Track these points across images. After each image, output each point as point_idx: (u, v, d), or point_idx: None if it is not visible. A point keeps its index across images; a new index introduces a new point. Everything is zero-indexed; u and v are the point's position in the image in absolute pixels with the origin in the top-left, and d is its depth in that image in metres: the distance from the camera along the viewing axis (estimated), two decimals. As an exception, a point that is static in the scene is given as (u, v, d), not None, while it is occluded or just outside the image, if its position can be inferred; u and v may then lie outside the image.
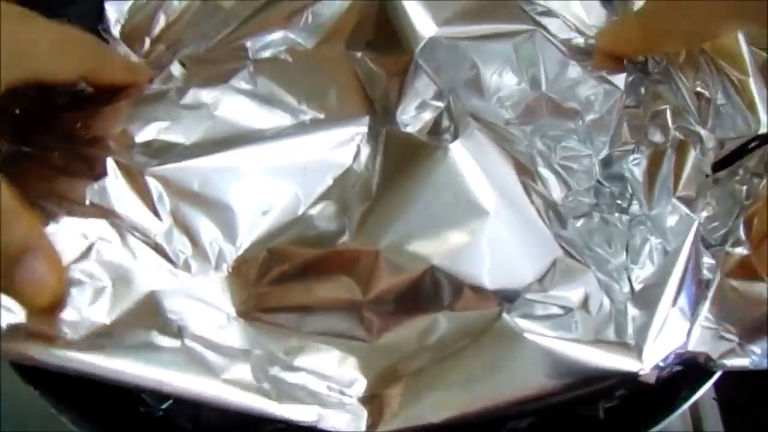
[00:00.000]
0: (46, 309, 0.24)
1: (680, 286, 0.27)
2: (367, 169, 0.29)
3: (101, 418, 0.27)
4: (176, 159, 0.28)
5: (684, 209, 0.29)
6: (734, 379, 0.28)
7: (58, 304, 0.24)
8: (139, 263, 0.27)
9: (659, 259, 0.29)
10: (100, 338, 0.24)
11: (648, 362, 0.25)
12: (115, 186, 0.28)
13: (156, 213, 0.27)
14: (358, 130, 0.30)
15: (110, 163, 0.28)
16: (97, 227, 0.27)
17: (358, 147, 0.30)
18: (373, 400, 0.26)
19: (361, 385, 0.26)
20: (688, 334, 0.26)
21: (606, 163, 0.31)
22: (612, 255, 0.30)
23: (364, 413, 0.25)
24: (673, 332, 0.26)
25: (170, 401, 0.30)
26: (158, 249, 0.27)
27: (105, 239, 0.27)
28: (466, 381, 0.25)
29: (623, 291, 0.28)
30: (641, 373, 0.25)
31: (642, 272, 0.29)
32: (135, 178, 0.28)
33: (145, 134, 0.29)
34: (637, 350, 0.26)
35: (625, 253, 0.30)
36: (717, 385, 0.28)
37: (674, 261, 0.27)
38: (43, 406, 0.27)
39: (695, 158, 0.30)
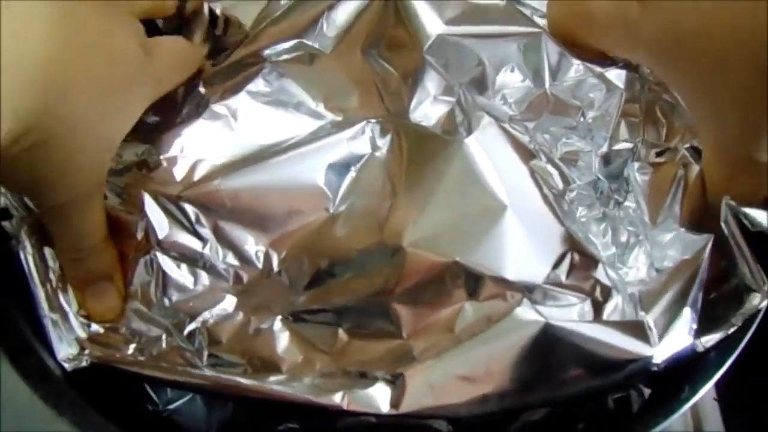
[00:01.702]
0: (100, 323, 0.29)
1: (690, 286, 0.27)
2: (387, 159, 0.30)
3: (101, 419, 0.27)
4: (204, 180, 0.29)
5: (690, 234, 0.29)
6: (735, 379, 0.28)
7: (112, 321, 0.29)
8: (198, 288, 0.29)
9: (652, 265, 0.29)
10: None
11: (661, 352, 0.26)
12: (154, 217, 0.29)
13: (198, 235, 0.29)
14: (372, 120, 0.30)
15: (146, 197, 0.29)
16: (150, 261, 0.29)
17: (373, 134, 0.30)
18: (396, 381, 0.26)
19: (387, 368, 0.27)
20: (697, 331, 0.27)
21: (606, 160, 0.32)
22: (605, 247, 0.30)
23: (388, 393, 0.26)
24: (683, 328, 0.27)
25: (178, 402, 0.30)
26: (207, 269, 0.29)
27: (160, 272, 0.29)
28: (489, 364, 0.26)
29: (625, 284, 0.29)
30: (654, 360, 0.26)
31: (632, 273, 0.30)
32: (170, 206, 0.29)
33: (170, 154, 0.30)
34: (651, 335, 0.26)
35: (614, 247, 0.30)
36: (718, 385, 0.28)
37: (688, 265, 0.28)
38: (43, 406, 0.27)
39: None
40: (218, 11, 0.35)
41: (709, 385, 0.27)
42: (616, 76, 0.32)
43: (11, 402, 0.37)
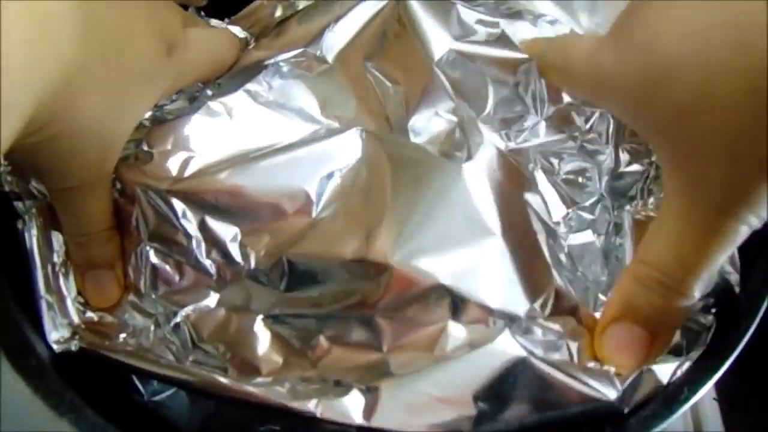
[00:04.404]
0: (97, 309, 0.30)
1: None
2: (373, 170, 0.29)
3: (101, 420, 0.27)
4: (194, 176, 0.30)
5: None
6: (734, 379, 0.28)
7: (107, 310, 0.30)
8: (183, 283, 0.29)
9: None
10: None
11: (628, 398, 0.26)
12: (144, 211, 0.29)
13: (184, 230, 0.29)
14: (364, 129, 0.30)
15: (137, 190, 0.29)
16: (140, 253, 0.30)
17: (363, 143, 0.30)
18: (371, 393, 0.26)
19: (363, 380, 0.27)
20: (672, 374, 0.27)
21: (614, 178, 0.32)
22: (596, 276, 0.30)
23: (362, 404, 0.26)
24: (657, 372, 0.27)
25: (163, 394, 0.30)
26: (192, 264, 0.29)
27: (149, 265, 0.29)
28: (464, 388, 0.26)
29: None
30: (621, 407, 0.26)
31: None
32: (159, 201, 0.29)
33: (163, 148, 0.30)
34: (617, 384, 0.26)
35: (605, 275, 0.30)
36: (717, 385, 0.28)
37: None
38: (43, 406, 0.27)
39: None
40: (241, 34, 0.36)
41: (709, 385, 0.27)
42: None
43: (11, 402, 0.37)
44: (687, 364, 0.27)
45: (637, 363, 0.26)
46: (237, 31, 0.36)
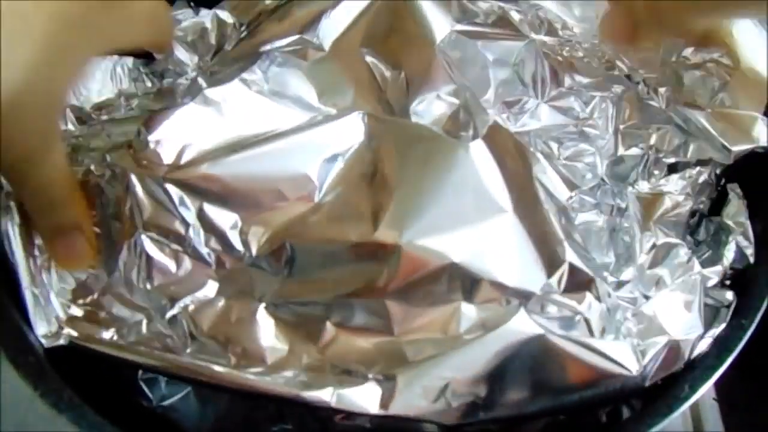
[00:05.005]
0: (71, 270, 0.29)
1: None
2: (378, 152, 0.29)
3: (100, 418, 0.27)
4: (191, 164, 0.29)
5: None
6: (734, 379, 0.28)
7: (93, 304, 0.29)
8: (180, 272, 0.29)
9: (643, 280, 0.30)
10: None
11: (650, 373, 0.27)
12: (140, 199, 0.29)
13: (182, 218, 0.28)
14: (365, 112, 0.30)
15: (132, 177, 0.29)
16: (134, 243, 0.29)
17: (366, 127, 0.30)
18: (387, 382, 0.26)
19: (378, 367, 0.27)
20: (691, 350, 0.27)
21: (614, 162, 0.32)
22: (602, 256, 0.30)
23: (378, 393, 0.26)
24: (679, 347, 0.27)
25: (172, 399, 0.30)
26: (190, 253, 0.28)
27: (143, 255, 0.29)
28: (482, 371, 0.26)
29: (619, 300, 0.29)
30: (642, 382, 0.27)
31: (627, 287, 0.29)
32: (155, 188, 0.29)
33: (158, 137, 0.30)
34: (639, 356, 0.27)
35: (612, 256, 0.30)
36: (717, 385, 0.28)
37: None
38: (43, 406, 0.27)
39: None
40: (230, 20, 0.36)
41: (709, 385, 0.27)
42: (610, 84, 0.32)
43: (11, 402, 0.37)
44: (708, 341, 0.27)
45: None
46: (225, 16, 0.36)
